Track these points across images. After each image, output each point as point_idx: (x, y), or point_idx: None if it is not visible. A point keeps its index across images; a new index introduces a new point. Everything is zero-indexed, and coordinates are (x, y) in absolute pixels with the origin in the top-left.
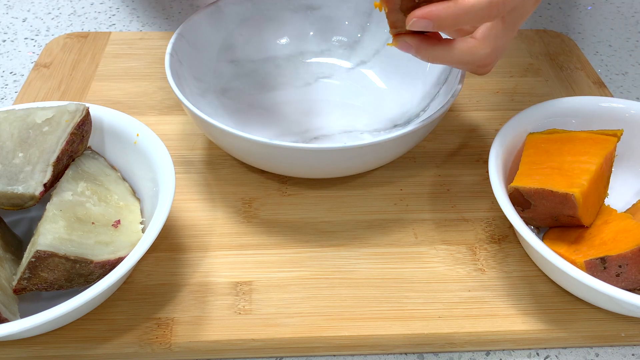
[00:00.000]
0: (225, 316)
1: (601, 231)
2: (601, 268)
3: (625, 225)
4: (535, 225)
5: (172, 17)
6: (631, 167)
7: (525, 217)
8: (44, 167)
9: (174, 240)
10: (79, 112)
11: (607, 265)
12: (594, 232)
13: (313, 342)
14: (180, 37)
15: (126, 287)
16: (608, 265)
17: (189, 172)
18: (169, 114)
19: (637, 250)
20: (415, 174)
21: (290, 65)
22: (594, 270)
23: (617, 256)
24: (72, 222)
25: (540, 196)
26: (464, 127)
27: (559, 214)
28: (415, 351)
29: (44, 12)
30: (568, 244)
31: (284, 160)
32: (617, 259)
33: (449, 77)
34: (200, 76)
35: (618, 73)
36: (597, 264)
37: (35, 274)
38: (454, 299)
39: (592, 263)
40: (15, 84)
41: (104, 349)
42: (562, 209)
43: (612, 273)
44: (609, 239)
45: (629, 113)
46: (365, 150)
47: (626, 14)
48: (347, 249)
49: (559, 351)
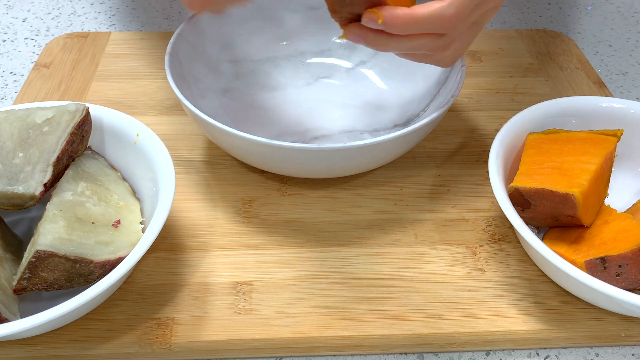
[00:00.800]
0: (225, 316)
1: (601, 231)
2: (601, 268)
3: (625, 225)
4: (535, 225)
5: (172, 17)
6: (631, 167)
7: (525, 217)
8: (44, 167)
9: (174, 240)
10: (79, 112)
11: (607, 265)
12: (594, 232)
13: (313, 342)
14: (180, 37)
15: (126, 287)
16: (608, 265)
17: (189, 172)
18: (169, 114)
19: (637, 250)
20: (415, 174)
21: (290, 65)
22: (594, 270)
23: (617, 256)
24: (72, 222)
25: (540, 196)
26: (464, 127)
27: (559, 214)
28: (415, 351)
29: (44, 12)
30: (568, 244)
31: (284, 160)
32: (617, 259)
33: (449, 77)
34: (200, 76)
35: (618, 73)
36: (597, 264)
37: (35, 274)
38: (454, 299)
39: (592, 263)
40: (15, 84)
41: (104, 349)
42: (562, 208)
43: (612, 273)
44: (609, 239)
45: (629, 113)
46: (365, 150)
47: (626, 14)
48: (347, 249)
49: (559, 351)
